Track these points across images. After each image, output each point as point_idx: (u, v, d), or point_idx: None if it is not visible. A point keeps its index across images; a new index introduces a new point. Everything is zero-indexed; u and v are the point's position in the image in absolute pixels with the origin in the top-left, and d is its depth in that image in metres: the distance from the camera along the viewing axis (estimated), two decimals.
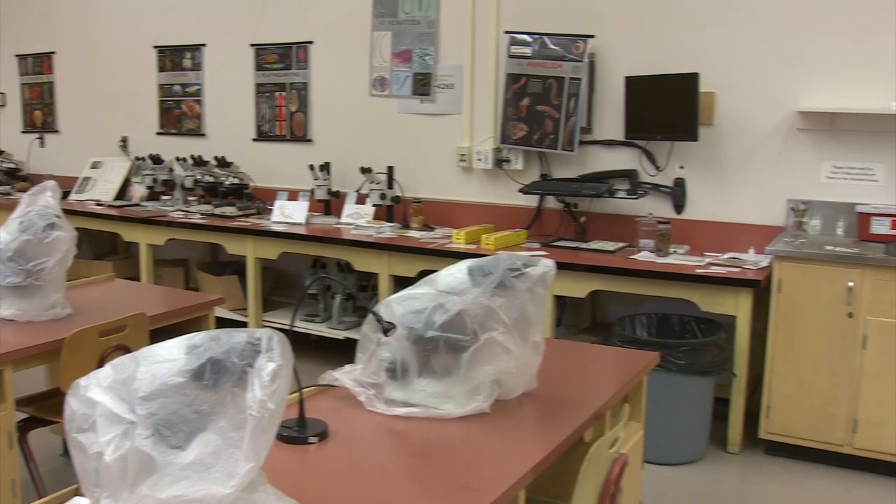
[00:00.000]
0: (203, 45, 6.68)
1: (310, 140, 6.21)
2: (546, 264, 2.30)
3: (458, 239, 5.01)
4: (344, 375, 2.38)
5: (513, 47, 5.22)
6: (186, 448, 1.40)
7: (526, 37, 5.17)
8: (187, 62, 6.77)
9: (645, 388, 2.91)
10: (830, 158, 4.71)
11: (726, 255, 4.63)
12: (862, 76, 4.58)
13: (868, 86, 4.58)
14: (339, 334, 5.46)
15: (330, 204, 5.88)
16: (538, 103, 5.12)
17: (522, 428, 2.25)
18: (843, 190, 4.69)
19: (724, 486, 4.12)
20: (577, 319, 5.30)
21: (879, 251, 4.21)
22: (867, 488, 4.09)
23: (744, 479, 4.21)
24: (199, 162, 6.23)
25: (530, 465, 1.98)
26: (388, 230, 5.37)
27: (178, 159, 6.41)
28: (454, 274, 2.29)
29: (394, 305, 2.30)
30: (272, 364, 1.41)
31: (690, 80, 4.68)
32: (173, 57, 6.84)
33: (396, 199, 5.60)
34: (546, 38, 5.11)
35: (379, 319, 2.21)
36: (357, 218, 5.64)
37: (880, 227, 4.45)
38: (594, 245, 4.92)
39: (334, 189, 5.84)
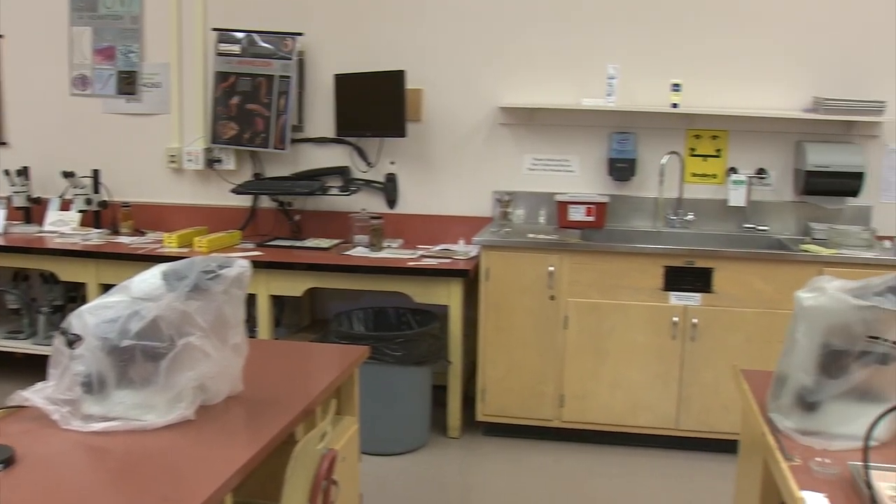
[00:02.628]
0: None
1: (4, 143, 5.77)
2: (241, 265, 2.26)
3: (169, 243, 4.85)
4: (35, 394, 2.23)
5: (220, 45, 5.11)
6: None
7: (234, 34, 5.08)
8: None
9: (357, 381, 2.94)
10: (531, 151, 4.99)
11: (438, 247, 4.78)
12: (556, 73, 4.89)
13: (562, 83, 4.89)
14: (47, 350, 5.12)
15: (30, 211, 5.49)
16: (248, 102, 5.05)
17: (228, 432, 2.21)
18: (544, 180, 4.98)
19: (446, 470, 4.26)
20: (296, 318, 5.28)
21: (576, 237, 4.51)
22: (575, 456, 4.38)
23: (464, 461, 4.37)
24: None
25: (234, 468, 1.95)
26: (95, 237, 5.09)
27: None
28: (148, 279, 2.20)
29: (86, 315, 2.18)
30: None
31: (397, 77, 4.78)
32: None
33: (104, 204, 5.33)
34: (255, 36, 5.05)
35: (63, 332, 2.09)
36: (61, 225, 5.32)
37: (576, 214, 4.76)
38: (309, 243, 4.93)
39: (35, 195, 5.46)
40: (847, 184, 4.61)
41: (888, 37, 4.69)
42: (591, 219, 4.76)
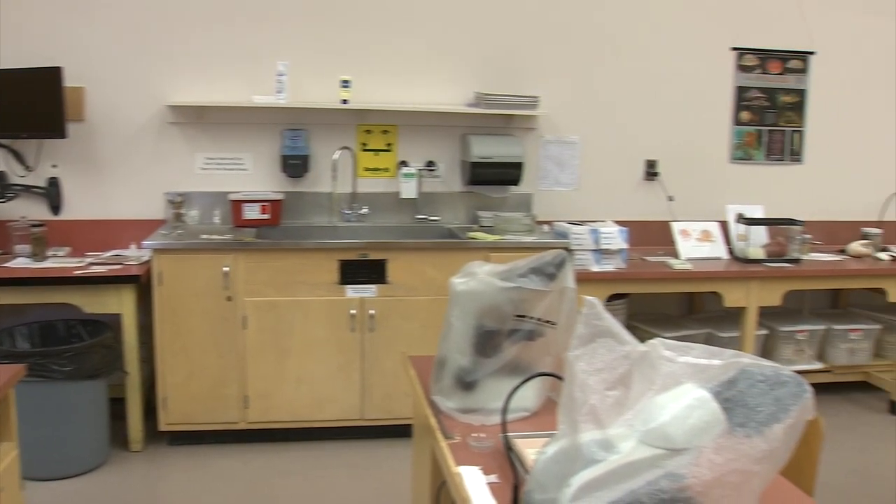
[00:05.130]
0: None
1: None
2: None
3: None
4: None
5: None
6: None
7: None
8: None
9: (13, 403, 2.74)
10: (203, 150, 4.89)
11: (109, 254, 4.57)
12: (227, 71, 4.82)
13: (233, 80, 4.83)
14: None
15: None
16: None
17: None
18: (217, 180, 4.90)
19: (129, 486, 4.08)
20: None
21: (251, 235, 4.48)
22: (263, 457, 4.36)
23: (148, 474, 4.21)
24: None
25: None
26: None
27: None
28: None
29: None
30: None
31: (53, 74, 4.50)
32: None
33: None
34: None
35: None
36: None
37: (251, 212, 4.73)
38: None
39: None
40: (508, 173, 4.92)
41: (541, 38, 5.07)
42: (266, 217, 4.74)
